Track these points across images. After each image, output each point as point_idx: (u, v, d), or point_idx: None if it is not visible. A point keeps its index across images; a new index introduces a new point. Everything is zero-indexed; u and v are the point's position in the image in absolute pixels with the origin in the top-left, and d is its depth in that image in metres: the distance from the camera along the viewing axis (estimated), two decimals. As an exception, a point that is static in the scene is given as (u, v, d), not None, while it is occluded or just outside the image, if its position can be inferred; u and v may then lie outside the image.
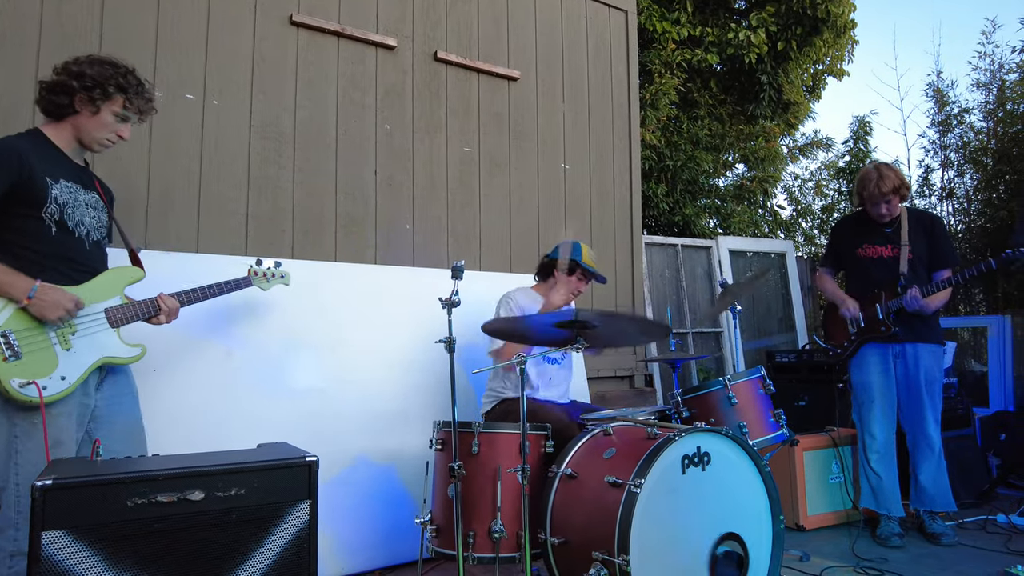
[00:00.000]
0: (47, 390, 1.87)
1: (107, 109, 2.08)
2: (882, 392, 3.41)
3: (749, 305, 6.45)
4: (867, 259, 3.51)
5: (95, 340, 2.05)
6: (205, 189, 3.25)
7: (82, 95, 2.04)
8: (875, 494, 3.41)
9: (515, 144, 4.37)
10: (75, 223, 2.05)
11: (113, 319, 2.11)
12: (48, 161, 2.01)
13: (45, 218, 1.97)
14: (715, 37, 7.30)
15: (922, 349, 3.37)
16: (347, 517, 2.92)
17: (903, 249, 3.41)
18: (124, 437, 2.12)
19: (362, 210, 3.71)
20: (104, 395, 2.12)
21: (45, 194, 1.96)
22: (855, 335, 3.49)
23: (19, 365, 1.85)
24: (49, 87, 2.04)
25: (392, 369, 3.28)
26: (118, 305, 2.14)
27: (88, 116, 2.07)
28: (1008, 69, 6.76)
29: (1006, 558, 3.01)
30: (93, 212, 2.13)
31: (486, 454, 2.34)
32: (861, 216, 3.60)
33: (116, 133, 2.14)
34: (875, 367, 3.44)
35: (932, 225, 3.48)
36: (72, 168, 2.12)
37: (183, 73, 3.23)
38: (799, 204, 10.15)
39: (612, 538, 1.91)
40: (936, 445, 3.35)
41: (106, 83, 2.05)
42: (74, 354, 1.98)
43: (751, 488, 2.23)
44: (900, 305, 3.32)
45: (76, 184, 2.09)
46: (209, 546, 1.51)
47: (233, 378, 2.86)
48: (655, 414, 2.64)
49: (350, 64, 3.75)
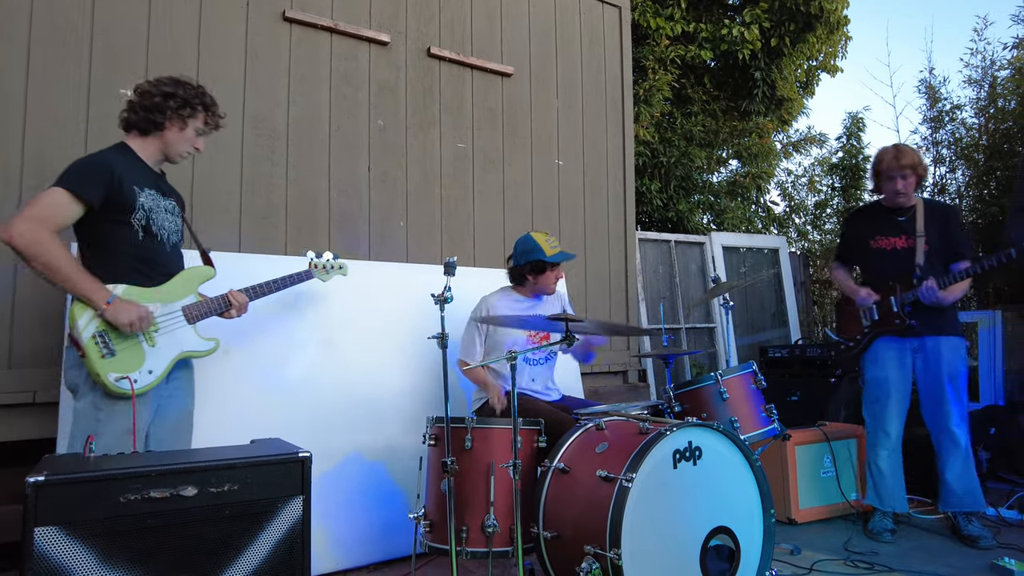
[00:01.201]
0: (138, 383, 2.08)
1: (192, 125, 2.32)
2: (898, 388, 3.33)
3: (742, 300, 6.48)
4: (881, 251, 3.41)
5: (175, 336, 2.25)
6: (198, 185, 3.25)
7: (173, 113, 2.26)
8: (879, 491, 3.36)
9: (509, 140, 4.38)
10: (158, 228, 2.25)
11: (190, 316, 2.30)
12: (135, 171, 2.21)
13: (134, 223, 2.17)
14: (709, 33, 7.31)
15: (942, 343, 3.26)
16: (341, 513, 2.93)
17: (918, 240, 3.30)
18: (174, 428, 2.31)
19: (355, 206, 3.71)
20: (170, 387, 2.28)
21: (134, 202, 2.16)
22: (868, 328, 3.41)
23: (114, 361, 2.06)
24: (145, 107, 2.25)
25: (386, 365, 3.29)
26: (193, 303, 2.32)
27: (176, 132, 2.30)
28: (1000, 66, 6.79)
29: (995, 551, 3.04)
30: (171, 217, 2.33)
31: (479, 449, 2.35)
32: (875, 207, 3.53)
33: (194, 146, 2.37)
34: (891, 362, 3.35)
35: (948, 215, 3.37)
36: (153, 177, 2.32)
37: (175, 69, 3.16)
38: (792, 200, 10.18)
39: (604, 532, 1.93)
40: (962, 442, 3.25)
41: (193, 102, 2.30)
42: (158, 350, 2.18)
43: (742, 482, 2.25)
44: (915, 297, 3.22)
45: (157, 192, 2.28)
46: (202, 542, 1.52)
47: (229, 375, 2.86)
48: (648, 409, 2.65)
49: (343, 60, 3.74)
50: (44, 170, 2.82)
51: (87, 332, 2.04)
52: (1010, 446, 4.09)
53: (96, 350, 2.03)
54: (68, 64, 2.98)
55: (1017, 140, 6.08)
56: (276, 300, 3.04)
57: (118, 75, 3.07)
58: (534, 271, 2.97)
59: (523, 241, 3.03)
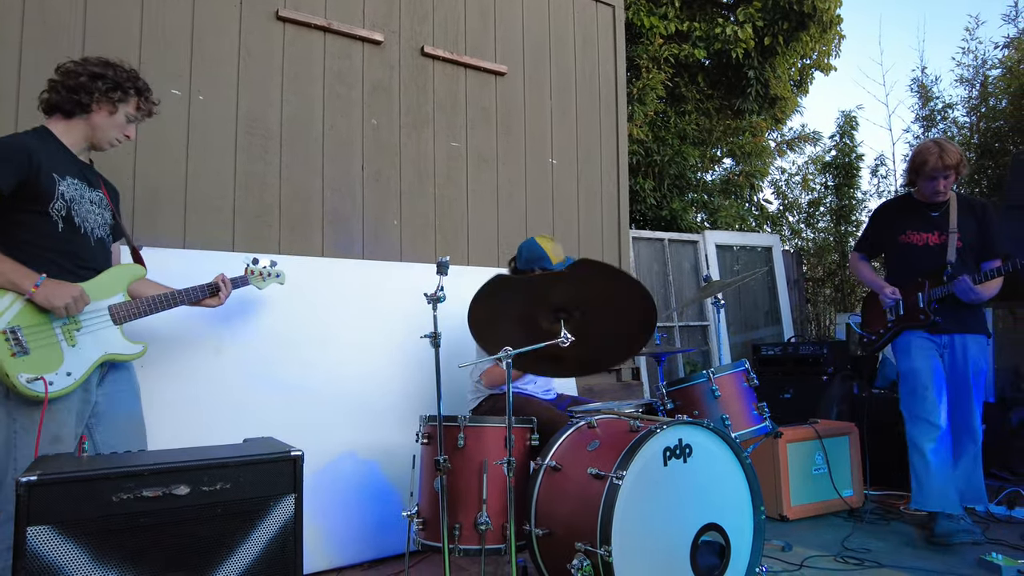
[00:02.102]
0: (53, 385, 1.90)
1: (123, 110, 2.17)
2: (938, 377, 3.25)
3: (736, 298, 6.51)
4: (911, 246, 3.34)
5: (99, 337, 2.09)
6: (191, 185, 3.25)
7: (102, 95, 2.11)
8: (927, 490, 3.19)
9: (502, 139, 4.39)
10: (81, 220, 2.09)
11: (116, 316, 2.15)
12: (55, 158, 2.05)
13: (52, 214, 2.00)
14: (702, 32, 7.33)
15: (970, 340, 3.25)
16: (335, 511, 2.94)
17: (951, 236, 3.23)
18: (124, 432, 2.16)
19: (349, 205, 3.72)
20: (106, 391, 2.15)
21: (52, 190, 2.00)
22: (893, 323, 3.38)
23: (26, 361, 1.88)
24: (69, 87, 2.09)
25: (379, 364, 3.30)
26: (121, 302, 2.18)
27: (105, 116, 2.14)
28: (991, 65, 6.84)
29: (985, 546, 3.07)
30: (98, 210, 2.18)
31: (472, 447, 2.36)
32: (906, 201, 3.47)
33: (124, 133, 2.22)
34: (924, 351, 3.28)
35: (984, 212, 3.29)
36: (78, 166, 2.16)
37: (168, 68, 3.22)
38: (786, 198, 10.22)
39: (594, 529, 1.94)
40: (979, 439, 3.25)
41: (125, 85, 2.15)
42: (79, 350, 2.01)
43: (732, 479, 2.26)
44: (943, 294, 3.19)
45: (82, 182, 2.13)
46: (195, 540, 1.53)
47: (222, 374, 2.87)
48: (640, 407, 2.67)
49: (336, 59, 3.74)
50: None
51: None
52: (1000, 443, 4.12)
53: (6, 347, 1.84)
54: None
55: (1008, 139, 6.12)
56: (269, 299, 3.05)
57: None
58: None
59: (529, 248, 2.97)
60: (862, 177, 9.14)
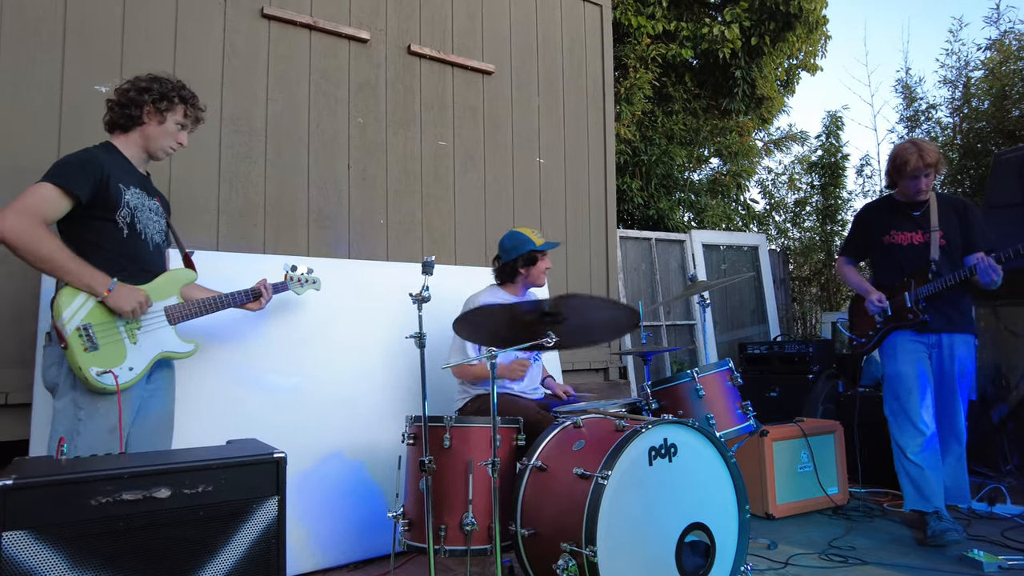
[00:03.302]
0: (119, 379, 2.06)
1: (171, 118, 2.31)
2: (925, 381, 3.26)
3: (723, 297, 6.54)
4: (896, 246, 3.37)
5: (156, 336, 2.24)
6: (176, 184, 3.22)
7: (150, 107, 2.26)
8: (919, 489, 3.21)
9: (490, 138, 4.38)
10: (142, 227, 2.25)
11: (172, 316, 2.29)
12: (121, 169, 2.22)
13: (119, 221, 2.17)
14: (690, 32, 7.36)
15: (958, 340, 3.27)
16: (321, 512, 2.92)
17: (933, 235, 3.27)
18: (155, 429, 2.29)
19: (335, 204, 3.70)
20: (151, 387, 2.28)
21: (120, 199, 2.17)
22: (881, 324, 3.39)
23: (96, 356, 2.04)
24: (121, 103, 2.26)
25: (366, 364, 3.28)
26: (176, 304, 2.32)
27: (155, 125, 2.29)
28: (974, 67, 6.91)
29: (966, 543, 3.10)
30: (156, 217, 2.33)
31: (458, 448, 2.36)
32: (888, 202, 3.50)
33: (176, 140, 2.36)
34: (910, 355, 3.29)
35: (966, 210, 3.32)
36: (139, 177, 2.32)
37: (151, 65, 3.13)
38: (772, 198, 10.28)
39: (580, 529, 1.94)
40: (964, 439, 3.28)
41: (170, 94, 2.29)
42: (140, 347, 2.17)
43: (717, 478, 2.27)
44: (930, 292, 3.21)
45: (143, 191, 2.29)
46: (176, 543, 1.51)
47: (206, 374, 2.84)
48: (626, 406, 2.68)
49: (322, 57, 3.72)
50: (16, 167, 2.78)
51: (71, 324, 2.02)
52: (982, 441, 4.17)
53: (80, 343, 2.02)
54: (41, 60, 2.94)
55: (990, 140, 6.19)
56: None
57: (92, 72, 3.03)
58: (527, 263, 3.03)
59: (510, 237, 3.06)
60: (848, 177, 9.22)
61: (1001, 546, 3.07)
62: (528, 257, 3.01)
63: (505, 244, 3.07)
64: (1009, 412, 4.08)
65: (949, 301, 3.25)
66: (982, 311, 5.35)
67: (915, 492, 3.24)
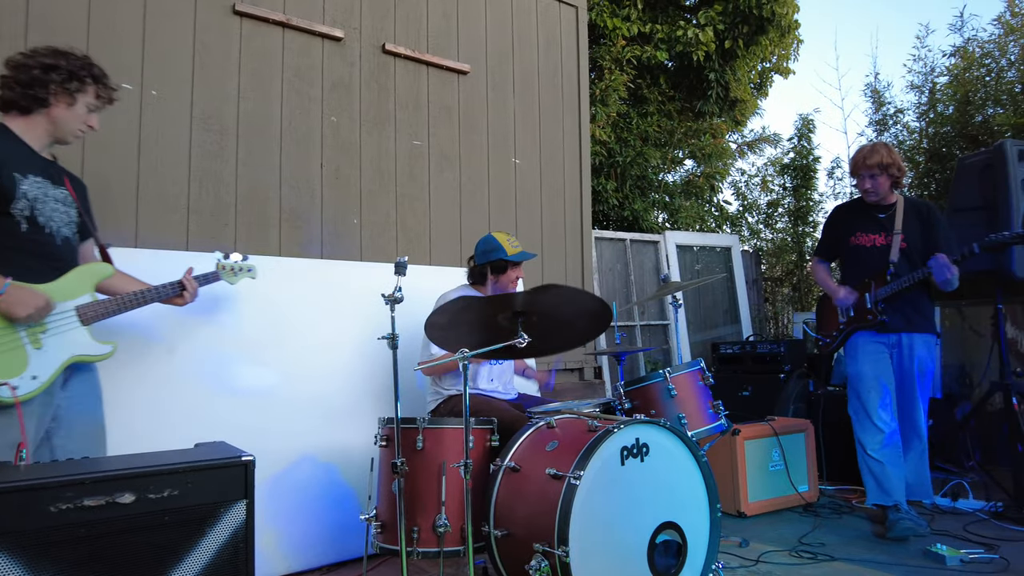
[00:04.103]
0: (19, 390, 1.86)
1: (82, 100, 2.10)
2: (881, 380, 3.34)
3: (696, 298, 6.61)
4: (860, 247, 3.45)
5: (66, 338, 2.04)
6: (144, 182, 3.16)
7: (58, 87, 2.04)
8: (880, 483, 3.29)
9: (465, 138, 4.37)
10: (45, 219, 2.03)
11: (85, 316, 2.10)
12: (16, 157, 1.99)
13: (15, 214, 1.95)
14: (664, 34, 7.42)
15: (917, 339, 3.34)
16: (293, 514, 2.89)
17: (895, 237, 3.34)
18: (83, 438, 2.10)
19: (308, 204, 3.66)
20: (69, 394, 2.08)
21: (14, 190, 1.94)
22: (844, 324, 3.47)
23: None
24: (23, 82, 2.01)
25: (339, 365, 3.25)
26: (89, 302, 2.12)
27: (64, 108, 2.07)
28: (939, 72, 7.06)
29: (930, 537, 3.17)
30: (63, 208, 2.11)
31: (431, 450, 2.35)
32: (857, 204, 3.57)
33: (87, 123, 2.14)
34: (871, 355, 3.38)
35: (930, 213, 3.39)
36: (41, 163, 2.10)
37: (119, 61, 3.11)
38: (745, 199, 10.41)
39: (552, 530, 1.95)
40: (924, 436, 3.36)
41: (81, 74, 2.07)
42: (45, 353, 1.97)
43: (689, 477, 2.29)
44: (888, 293, 3.29)
45: (45, 179, 2.07)
46: (141, 550, 1.48)
47: (175, 376, 2.79)
48: (600, 406, 2.69)
49: (296, 55, 3.68)
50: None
51: None
52: (946, 437, 4.27)
53: None
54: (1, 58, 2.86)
55: (955, 144, 6.34)
56: (225, 298, 2.98)
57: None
58: (495, 270, 3.02)
59: (485, 241, 3.07)
60: (819, 179, 9.37)
61: (963, 540, 3.14)
62: (496, 265, 3.00)
63: (479, 247, 3.08)
64: (972, 409, 4.18)
65: (909, 302, 3.33)
66: (947, 311, 5.48)
67: (876, 487, 3.32)
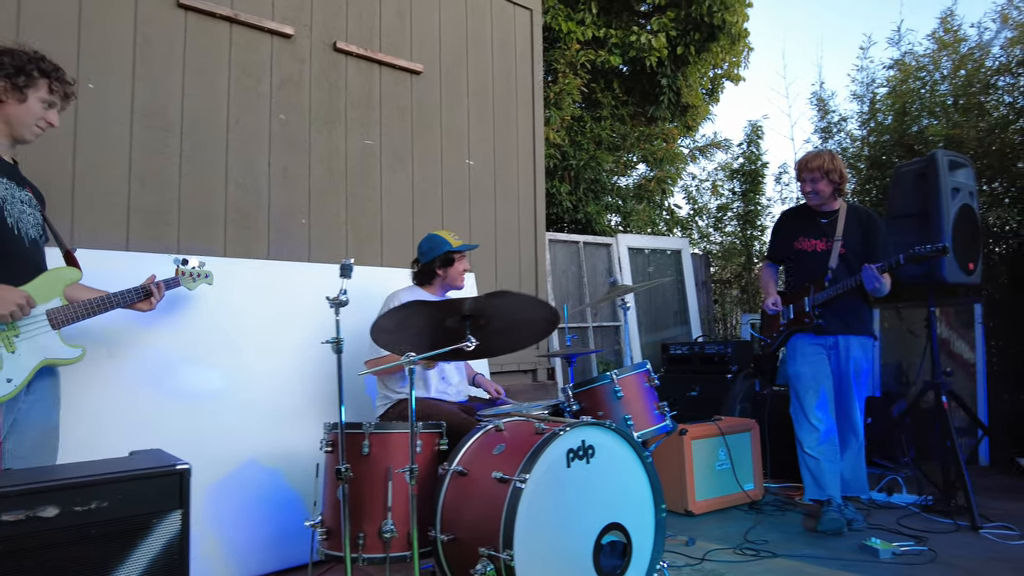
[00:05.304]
0: None
1: (34, 96, 2.07)
2: (819, 381, 3.45)
3: (647, 299, 6.70)
4: (803, 252, 3.56)
5: (37, 342, 2.03)
6: (80, 180, 3.04)
7: (5, 83, 2.01)
8: (816, 479, 3.42)
9: (418, 138, 4.34)
10: (14, 220, 2.01)
11: (55, 320, 2.09)
12: None
13: None
14: (618, 39, 7.51)
15: (853, 341, 3.46)
16: (237, 520, 2.82)
17: (835, 244, 3.46)
18: (36, 444, 2.07)
19: (254, 203, 3.58)
20: (30, 398, 2.06)
21: None
22: (784, 327, 3.60)
23: None
24: None
25: (285, 369, 3.19)
26: (59, 307, 2.11)
27: (15, 105, 2.04)
28: (879, 83, 7.32)
29: (866, 532, 3.29)
30: (29, 210, 2.10)
31: (377, 455, 2.32)
32: (802, 210, 3.68)
33: (45, 120, 2.11)
34: (809, 357, 3.49)
35: (870, 221, 3.51)
36: (5, 165, 2.07)
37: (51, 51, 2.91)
38: (696, 203, 10.62)
39: (497, 533, 1.95)
40: (861, 434, 3.49)
41: (27, 67, 2.04)
42: (18, 356, 1.97)
43: (634, 479, 2.32)
44: (825, 298, 3.40)
45: (10, 180, 2.05)
46: (66, 565, 1.42)
47: (113, 380, 2.69)
48: (549, 408, 2.70)
49: (243, 51, 3.59)
50: None
51: None
52: (883, 434, 4.43)
53: None
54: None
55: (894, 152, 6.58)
56: (171, 300, 2.88)
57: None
58: (444, 264, 3.05)
59: (428, 239, 3.10)
60: (767, 184, 9.63)
61: (896, 533, 3.28)
62: (445, 258, 3.04)
63: (423, 247, 3.10)
64: (907, 407, 4.35)
65: (846, 306, 3.46)
66: (887, 312, 5.71)
67: (813, 483, 3.46)
